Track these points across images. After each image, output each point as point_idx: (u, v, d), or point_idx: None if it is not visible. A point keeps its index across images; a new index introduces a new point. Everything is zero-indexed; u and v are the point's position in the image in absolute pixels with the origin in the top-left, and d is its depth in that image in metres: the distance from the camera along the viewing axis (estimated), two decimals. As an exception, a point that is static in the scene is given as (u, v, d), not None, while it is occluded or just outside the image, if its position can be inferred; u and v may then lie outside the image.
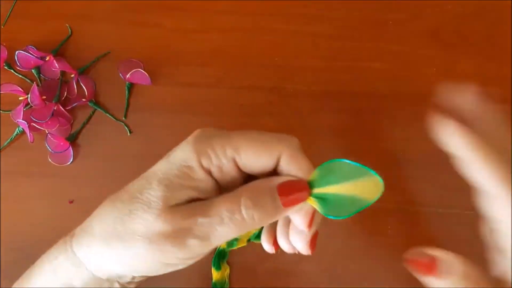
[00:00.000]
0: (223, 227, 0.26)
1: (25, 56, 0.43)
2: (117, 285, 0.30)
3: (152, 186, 0.28)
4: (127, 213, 0.28)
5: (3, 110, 0.43)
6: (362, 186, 0.26)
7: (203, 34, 0.45)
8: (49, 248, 0.41)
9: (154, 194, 0.28)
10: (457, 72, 0.45)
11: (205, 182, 0.28)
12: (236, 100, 0.44)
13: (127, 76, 0.44)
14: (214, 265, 0.40)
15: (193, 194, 0.28)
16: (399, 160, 0.43)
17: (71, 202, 0.42)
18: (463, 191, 0.42)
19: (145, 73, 0.43)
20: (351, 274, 0.41)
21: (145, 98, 0.44)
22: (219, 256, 0.40)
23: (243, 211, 0.26)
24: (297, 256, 0.41)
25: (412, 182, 0.42)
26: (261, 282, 0.41)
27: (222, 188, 0.29)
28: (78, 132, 0.43)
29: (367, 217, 0.42)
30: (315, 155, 0.44)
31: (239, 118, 0.44)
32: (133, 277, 0.30)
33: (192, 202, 0.28)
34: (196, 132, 0.29)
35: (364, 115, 0.44)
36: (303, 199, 0.27)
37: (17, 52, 0.43)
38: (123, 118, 0.44)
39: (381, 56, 0.45)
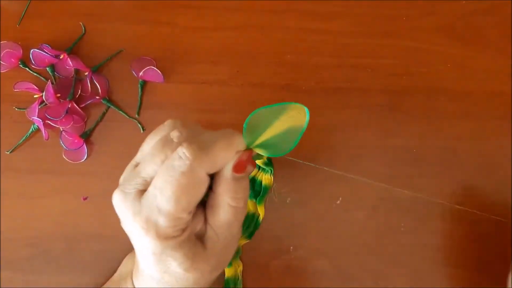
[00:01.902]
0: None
1: (40, 55, 0.43)
2: None
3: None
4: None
5: (18, 108, 0.44)
6: (289, 119, 0.29)
7: (216, 31, 0.45)
8: (62, 244, 0.41)
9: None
10: (471, 67, 0.44)
11: (187, 231, 0.30)
12: (248, 97, 0.44)
13: (140, 74, 0.44)
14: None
15: None
16: (413, 156, 0.42)
17: (85, 198, 0.42)
18: (477, 188, 0.42)
19: (158, 70, 0.44)
20: (364, 272, 0.41)
21: (157, 96, 0.44)
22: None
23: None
24: (310, 253, 0.41)
25: (427, 179, 0.42)
26: (274, 279, 0.41)
27: None
28: (92, 130, 0.44)
29: (380, 214, 0.41)
30: (328, 151, 0.44)
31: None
32: None
33: None
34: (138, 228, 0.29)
35: (377, 112, 0.43)
36: (248, 160, 0.30)
37: (32, 50, 0.44)
38: (136, 116, 0.44)
39: (395, 52, 0.45)
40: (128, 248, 0.41)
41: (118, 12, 0.46)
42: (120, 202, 0.29)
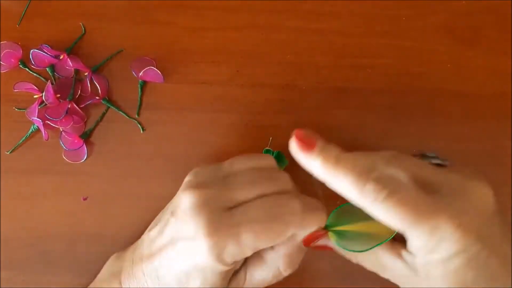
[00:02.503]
0: None
1: (40, 55, 0.43)
2: None
3: None
4: None
5: (18, 108, 0.44)
6: (377, 227, 0.28)
7: (216, 31, 0.45)
8: (62, 244, 0.41)
9: None
10: (472, 68, 0.44)
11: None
12: (248, 98, 0.44)
13: (140, 74, 0.44)
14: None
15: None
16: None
17: (85, 199, 0.42)
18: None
19: (158, 71, 0.44)
20: (364, 272, 0.41)
21: (158, 96, 0.44)
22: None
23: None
24: (310, 254, 0.41)
25: (426, 179, 0.42)
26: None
27: None
28: (92, 130, 0.44)
29: (380, 214, 0.41)
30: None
31: (252, 115, 0.44)
32: None
33: None
34: (199, 229, 0.28)
35: (378, 112, 0.43)
36: (320, 238, 0.30)
37: (31, 50, 0.44)
38: (136, 116, 0.44)
39: (395, 52, 0.45)
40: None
41: (118, 12, 0.46)
42: (202, 209, 0.28)
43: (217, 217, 0.27)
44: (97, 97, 0.43)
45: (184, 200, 0.29)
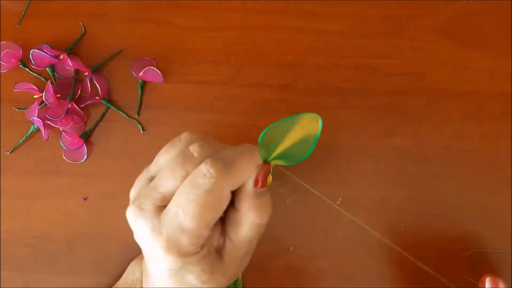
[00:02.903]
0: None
1: (40, 55, 0.43)
2: None
3: None
4: None
5: (18, 108, 0.44)
6: (302, 129, 0.29)
7: (215, 32, 0.45)
8: (62, 244, 0.41)
9: None
10: (471, 67, 0.44)
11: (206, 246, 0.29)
12: (248, 98, 0.44)
13: (140, 74, 0.44)
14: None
15: None
16: (413, 156, 0.42)
17: (85, 199, 0.42)
18: (478, 188, 0.42)
19: (158, 71, 0.44)
20: (364, 272, 0.41)
21: (157, 96, 0.44)
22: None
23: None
24: (309, 253, 0.41)
25: (427, 178, 0.42)
26: (274, 279, 0.41)
27: None
28: (92, 130, 0.44)
29: (381, 214, 0.41)
30: (328, 152, 0.44)
31: (251, 115, 0.44)
32: None
33: None
34: (160, 251, 0.28)
35: (377, 112, 0.43)
36: (267, 174, 0.29)
37: (31, 50, 0.44)
38: (136, 116, 0.44)
39: (394, 52, 0.45)
40: (127, 248, 0.41)
41: (118, 12, 0.46)
42: (137, 219, 0.28)
43: (155, 222, 0.27)
44: (97, 97, 0.43)
45: (128, 220, 0.29)
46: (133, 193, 0.31)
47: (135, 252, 0.41)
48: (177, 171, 0.28)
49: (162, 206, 0.28)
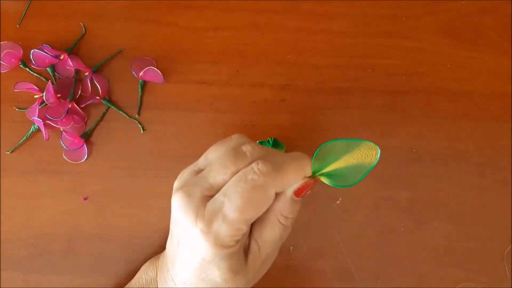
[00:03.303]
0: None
1: (40, 55, 0.43)
2: None
3: None
4: None
5: (18, 108, 0.44)
6: (360, 155, 0.29)
7: (216, 31, 0.46)
8: (62, 244, 0.41)
9: None
10: (471, 68, 0.44)
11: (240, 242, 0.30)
12: (248, 97, 0.44)
13: (140, 74, 0.44)
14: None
15: None
16: (412, 156, 0.42)
17: (85, 198, 0.42)
18: (477, 188, 0.42)
19: (158, 71, 0.44)
20: (364, 272, 0.41)
21: (158, 96, 0.44)
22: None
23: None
24: (309, 253, 0.41)
25: (426, 179, 0.42)
26: (273, 279, 0.41)
27: None
28: (92, 130, 0.44)
29: (380, 214, 0.41)
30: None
31: (252, 115, 0.44)
32: None
33: None
34: (196, 232, 0.29)
35: (377, 112, 0.43)
36: (311, 187, 0.31)
37: (32, 50, 0.44)
38: (136, 116, 0.44)
39: (394, 52, 0.45)
40: (128, 248, 0.41)
41: (118, 12, 0.46)
42: (183, 203, 0.29)
43: (201, 208, 0.29)
44: (97, 97, 0.44)
45: (172, 206, 0.30)
46: (177, 183, 0.31)
47: (135, 252, 0.41)
48: (228, 166, 0.29)
49: (208, 196, 0.29)
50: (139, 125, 0.44)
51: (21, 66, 0.45)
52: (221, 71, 0.45)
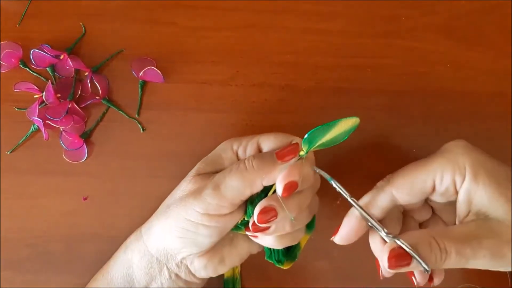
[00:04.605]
0: (230, 175, 0.33)
1: (40, 55, 0.43)
2: (173, 266, 0.35)
3: (197, 164, 0.37)
4: (177, 188, 0.37)
5: (18, 108, 0.44)
6: (341, 127, 0.33)
7: (216, 31, 0.45)
8: (62, 244, 0.41)
9: (194, 167, 0.37)
10: (471, 67, 0.44)
11: (231, 160, 0.36)
12: (248, 98, 0.44)
13: (140, 74, 0.44)
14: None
15: (220, 167, 0.36)
16: (411, 156, 0.42)
17: (85, 198, 0.42)
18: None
19: (158, 71, 0.44)
20: (364, 272, 0.41)
21: (158, 96, 0.44)
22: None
23: (246, 162, 0.34)
24: (309, 253, 0.41)
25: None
26: (273, 279, 0.41)
27: None
28: (92, 130, 0.44)
29: (380, 214, 0.41)
30: (328, 152, 0.44)
31: (251, 115, 0.44)
32: (183, 259, 0.35)
33: None
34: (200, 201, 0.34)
35: (376, 112, 0.43)
36: (293, 153, 0.33)
37: (32, 50, 0.44)
38: (136, 116, 0.44)
39: (394, 52, 0.45)
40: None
41: (118, 12, 0.46)
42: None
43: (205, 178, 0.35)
44: (97, 97, 0.44)
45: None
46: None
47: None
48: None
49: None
50: (139, 125, 0.44)
51: (21, 66, 0.45)
52: (221, 71, 0.45)
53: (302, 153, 0.33)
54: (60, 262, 0.41)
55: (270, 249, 0.37)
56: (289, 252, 0.38)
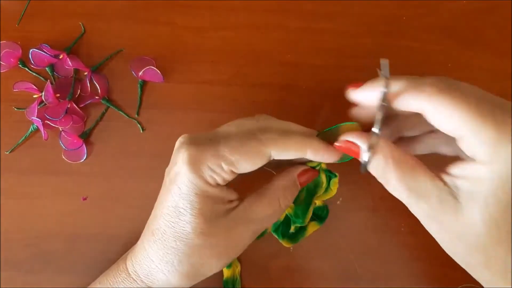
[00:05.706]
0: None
1: (39, 54, 0.43)
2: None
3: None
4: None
5: (17, 108, 0.44)
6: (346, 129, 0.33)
7: (215, 31, 0.45)
8: (62, 244, 0.41)
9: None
10: (471, 67, 0.44)
11: (220, 189, 0.31)
12: (248, 98, 0.44)
13: (140, 73, 0.44)
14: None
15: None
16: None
17: (84, 199, 0.42)
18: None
19: (157, 70, 0.44)
20: (364, 272, 0.41)
21: (157, 96, 0.44)
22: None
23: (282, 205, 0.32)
24: (309, 253, 0.41)
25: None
26: (273, 279, 0.41)
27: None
28: (91, 130, 0.44)
29: (381, 215, 0.41)
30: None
31: (251, 115, 0.44)
32: None
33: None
34: (183, 154, 0.30)
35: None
36: (312, 175, 0.34)
37: (31, 50, 0.43)
38: (136, 116, 0.44)
39: (395, 52, 0.45)
40: (127, 248, 0.41)
41: (118, 12, 0.46)
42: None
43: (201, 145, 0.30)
44: (96, 97, 0.43)
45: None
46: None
47: (135, 252, 0.41)
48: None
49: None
50: (139, 125, 0.44)
51: (20, 65, 0.45)
52: (221, 71, 0.45)
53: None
54: (60, 262, 0.41)
55: (279, 223, 0.39)
56: (294, 234, 0.40)
